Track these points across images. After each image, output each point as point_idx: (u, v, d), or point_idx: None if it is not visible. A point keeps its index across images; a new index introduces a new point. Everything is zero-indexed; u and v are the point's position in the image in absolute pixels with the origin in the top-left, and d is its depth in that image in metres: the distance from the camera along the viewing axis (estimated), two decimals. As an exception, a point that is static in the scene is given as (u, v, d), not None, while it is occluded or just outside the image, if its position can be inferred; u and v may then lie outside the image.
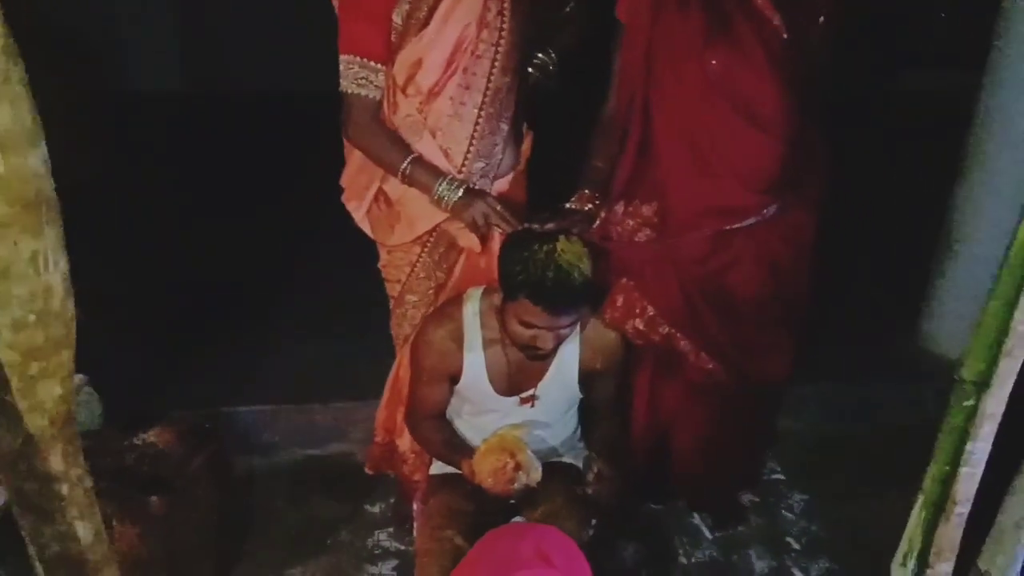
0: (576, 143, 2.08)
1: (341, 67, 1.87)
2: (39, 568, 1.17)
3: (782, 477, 2.60)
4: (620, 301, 2.07)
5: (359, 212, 2.05)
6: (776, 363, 2.09)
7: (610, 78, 1.99)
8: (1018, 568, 1.21)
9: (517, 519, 1.89)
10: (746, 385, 2.10)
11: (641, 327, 2.05)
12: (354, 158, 2.03)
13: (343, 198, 2.07)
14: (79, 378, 2.06)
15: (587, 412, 2.09)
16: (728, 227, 1.91)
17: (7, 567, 1.52)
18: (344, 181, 2.07)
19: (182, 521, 2.02)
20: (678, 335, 2.06)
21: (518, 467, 1.78)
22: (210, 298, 3.08)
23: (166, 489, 1.98)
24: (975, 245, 2.70)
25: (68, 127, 3.74)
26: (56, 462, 1.07)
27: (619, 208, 2.01)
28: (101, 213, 3.45)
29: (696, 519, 2.44)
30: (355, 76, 1.86)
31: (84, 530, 1.14)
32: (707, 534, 2.40)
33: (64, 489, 1.09)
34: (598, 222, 1.98)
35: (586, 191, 1.99)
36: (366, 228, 2.07)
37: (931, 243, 2.89)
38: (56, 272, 0.93)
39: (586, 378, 1.97)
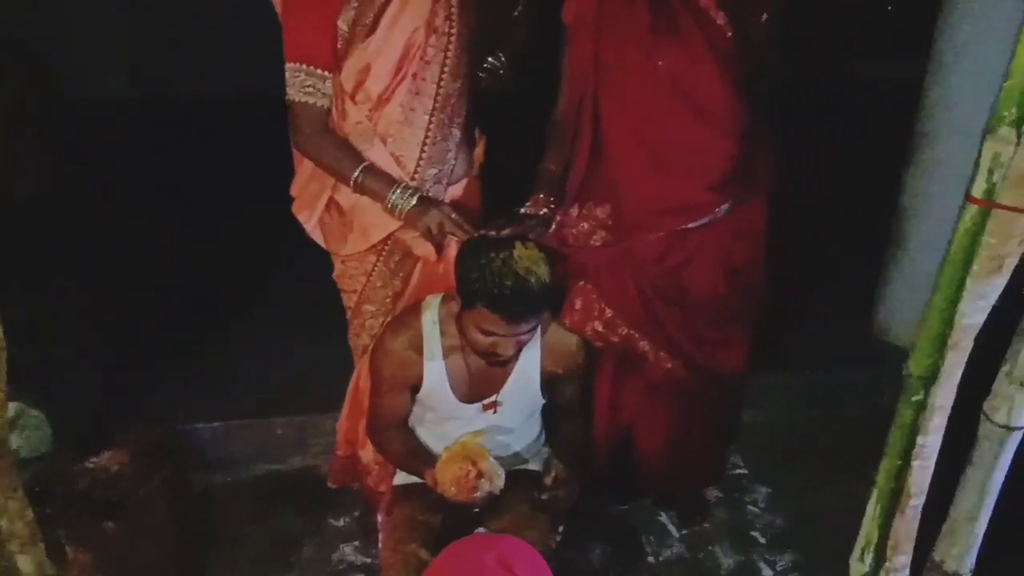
0: (530, 147, 2.07)
1: (287, 75, 1.83)
2: (-19, 605, 1.13)
3: (745, 471, 2.62)
4: (579, 304, 2.07)
5: (310, 222, 2.01)
6: (733, 357, 2.11)
7: (560, 80, 1.99)
8: (972, 559, 1.23)
9: (480, 530, 1.88)
10: (705, 381, 2.10)
11: (600, 329, 2.05)
12: (304, 167, 2.00)
13: (293, 208, 2.04)
14: (15, 406, 2.00)
15: (550, 416, 2.08)
16: (682, 227, 1.92)
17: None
18: (294, 191, 2.04)
19: (139, 544, 1.98)
20: (637, 336, 2.06)
21: (480, 475, 1.76)
22: (163, 314, 3.02)
23: (121, 513, 1.94)
24: (925, 233, 2.75)
25: (16, 137, 3.65)
26: (-8, 496, 1.04)
27: (574, 211, 2.00)
28: (48, 225, 3.37)
29: (663, 517, 2.44)
30: (302, 84, 1.82)
31: (26, 563, 1.11)
32: (674, 532, 2.41)
33: (3, 523, 1.05)
34: (554, 226, 1.97)
35: (541, 195, 1.98)
36: (318, 238, 2.04)
37: (885, 231, 2.92)
38: (-19, 301, 0.89)
39: (548, 383, 1.96)
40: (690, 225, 1.92)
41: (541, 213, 1.95)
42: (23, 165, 3.61)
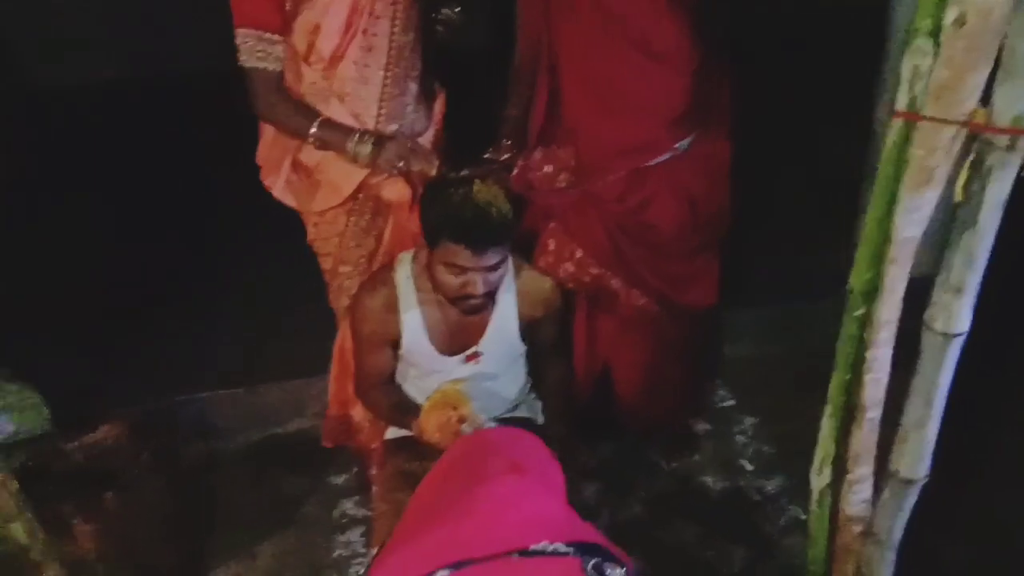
0: (492, 97, 2.07)
1: (238, 42, 1.83)
2: (-22, 575, 1.18)
3: (732, 403, 2.66)
4: (551, 245, 2.09)
5: (277, 187, 2.02)
6: (704, 291, 2.13)
7: (516, 26, 1.98)
8: (926, 465, 1.26)
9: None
10: (677, 315, 2.13)
11: (572, 270, 2.07)
12: (266, 133, 2.00)
13: (261, 176, 2.05)
14: (13, 388, 2.04)
15: (535, 362, 2.10)
16: (642, 165, 1.92)
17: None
18: (259, 159, 2.04)
19: (140, 514, 2.04)
20: (608, 274, 2.08)
21: (462, 420, 1.79)
22: (150, 289, 3.04)
23: (118, 484, 2.00)
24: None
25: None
26: (-26, 470, 1.08)
27: (537, 154, 2.01)
28: (36, 210, 3.39)
29: (652, 453, 2.49)
30: (253, 50, 1.82)
31: (18, 531, 1.15)
32: (663, 466, 2.46)
33: (-14, 496, 1.10)
34: (516, 170, 1.98)
35: (504, 141, 2.00)
36: (288, 201, 2.05)
37: (862, 157, 2.90)
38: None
39: (527, 328, 1.98)
40: (649, 163, 1.93)
41: (503, 159, 1.96)
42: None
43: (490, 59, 2.10)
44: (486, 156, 1.97)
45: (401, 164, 1.85)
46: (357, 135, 1.86)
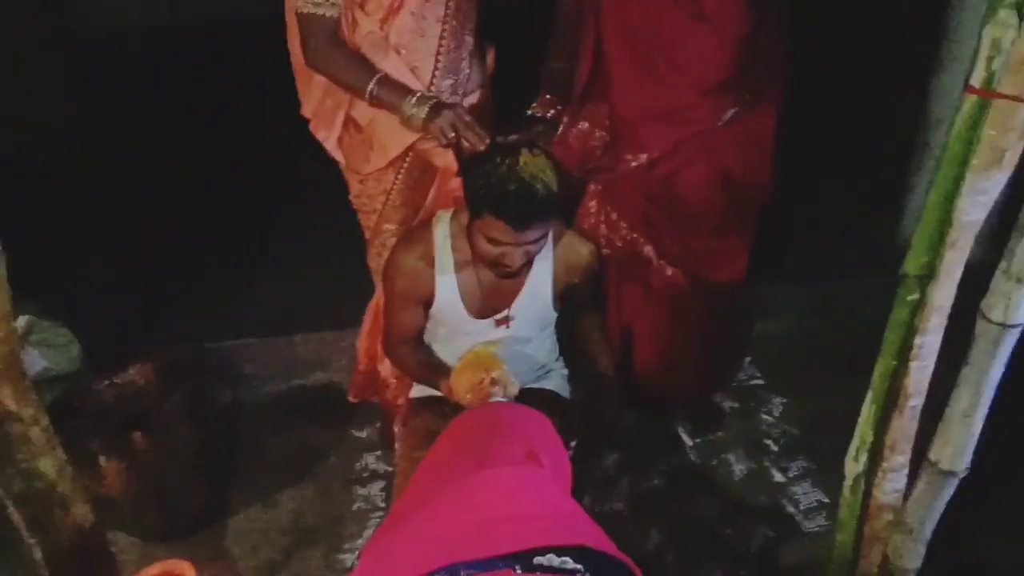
0: (539, 54, 2.02)
1: None
2: (8, 504, 1.20)
3: (761, 382, 2.63)
4: (593, 207, 2.04)
5: (330, 141, 1.99)
6: (732, 268, 2.07)
7: None
8: (968, 457, 1.23)
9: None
10: (705, 290, 2.09)
11: (605, 231, 2.03)
12: (315, 85, 1.96)
13: (311, 128, 2.01)
14: (25, 320, 2.05)
15: (570, 317, 2.03)
16: (676, 140, 1.86)
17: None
18: (308, 111, 2.01)
19: (167, 455, 2.06)
20: (641, 240, 2.03)
21: (494, 382, 1.77)
22: (189, 234, 3.06)
23: (147, 424, 2.02)
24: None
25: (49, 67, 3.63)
26: (8, 403, 1.09)
27: (578, 109, 1.96)
28: (80, 153, 3.42)
29: (676, 427, 2.47)
30: None
31: (47, 466, 1.16)
32: (687, 441, 2.44)
33: (19, 428, 1.10)
34: (561, 127, 1.93)
35: (547, 95, 1.94)
36: (339, 157, 2.02)
37: (909, 135, 2.82)
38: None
39: (562, 293, 1.95)
40: (683, 137, 1.87)
41: (548, 115, 1.91)
42: (43, 94, 3.64)
43: (537, 14, 2.04)
44: (530, 112, 1.91)
45: (452, 135, 1.78)
46: (415, 97, 1.80)
